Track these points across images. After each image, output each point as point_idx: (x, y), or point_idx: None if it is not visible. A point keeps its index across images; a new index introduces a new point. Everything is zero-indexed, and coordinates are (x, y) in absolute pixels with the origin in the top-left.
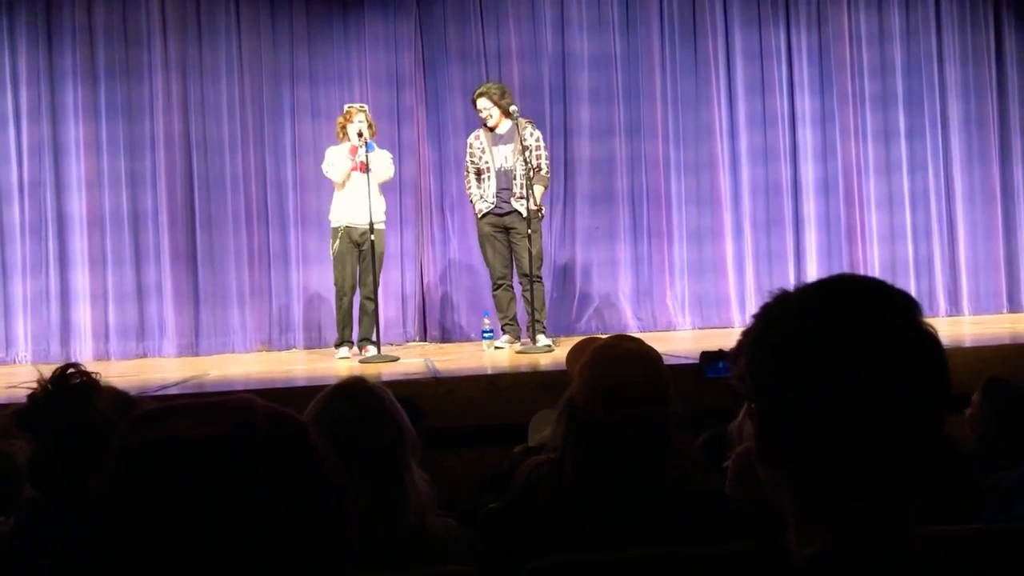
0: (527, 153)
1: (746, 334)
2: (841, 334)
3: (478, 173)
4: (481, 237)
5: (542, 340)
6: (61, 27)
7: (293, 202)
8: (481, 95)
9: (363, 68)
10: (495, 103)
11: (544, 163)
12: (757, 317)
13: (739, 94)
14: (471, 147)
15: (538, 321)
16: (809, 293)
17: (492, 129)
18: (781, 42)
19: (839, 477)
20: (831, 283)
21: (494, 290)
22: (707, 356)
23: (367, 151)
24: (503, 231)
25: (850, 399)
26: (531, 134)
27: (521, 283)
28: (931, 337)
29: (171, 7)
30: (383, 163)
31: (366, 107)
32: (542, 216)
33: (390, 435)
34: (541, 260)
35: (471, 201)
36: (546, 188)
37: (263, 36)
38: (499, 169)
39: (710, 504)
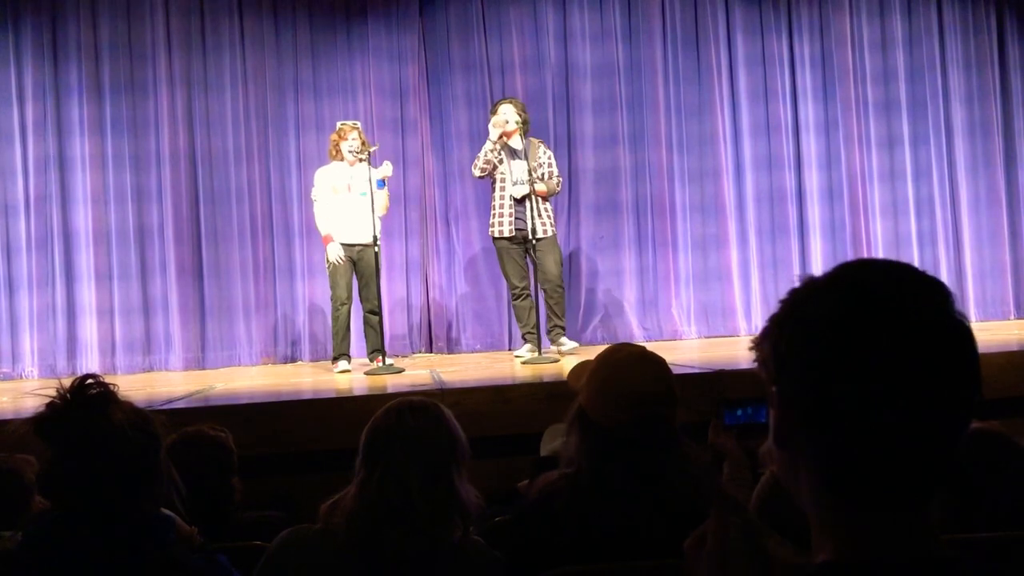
0: (539, 170)
1: (772, 317)
2: (869, 316)
3: (493, 182)
4: (499, 251)
5: (567, 343)
6: (66, 43)
7: (298, 215)
8: (508, 102)
9: (367, 80)
10: (518, 113)
11: (556, 176)
12: (784, 300)
13: (742, 102)
14: (490, 149)
15: (559, 326)
16: (838, 274)
17: (506, 139)
18: (784, 50)
19: (857, 462)
20: (860, 265)
21: (513, 300)
22: (724, 402)
23: (378, 187)
24: (521, 243)
25: (874, 384)
26: (544, 152)
27: (545, 291)
28: (963, 325)
29: (176, 22)
30: (381, 200)
31: (359, 124)
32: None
33: (447, 446)
34: (561, 267)
35: (479, 167)
36: (549, 193)
37: (267, 50)
38: (515, 181)
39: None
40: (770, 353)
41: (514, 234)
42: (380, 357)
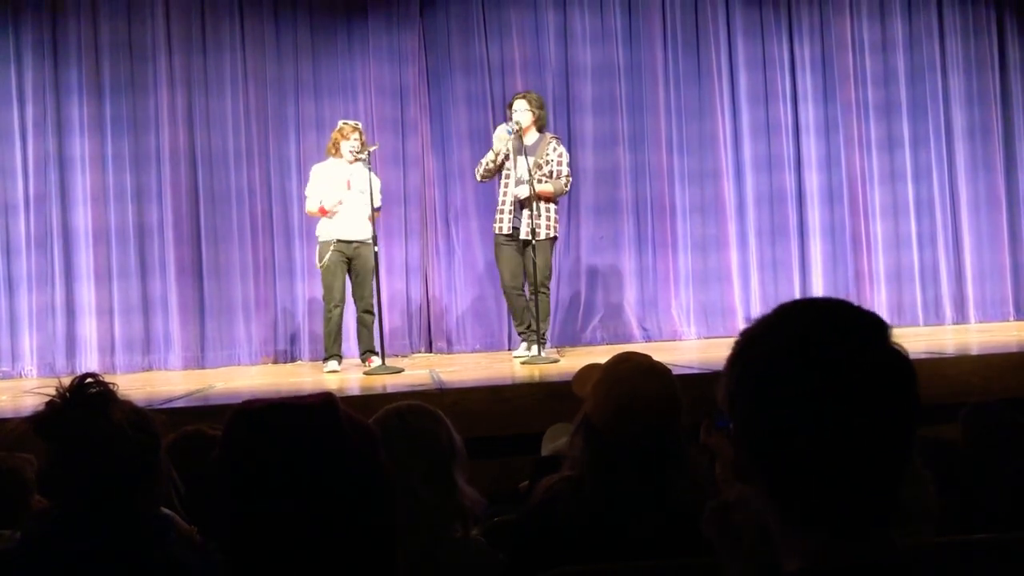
0: (547, 167)
1: (729, 357)
2: (806, 358)
3: (499, 170)
4: (496, 246)
5: (536, 349)
6: (67, 42)
7: (298, 214)
8: (521, 97)
9: (367, 80)
10: (531, 109)
11: (564, 175)
12: (737, 341)
13: (743, 104)
14: (491, 160)
15: (536, 331)
16: (779, 316)
17: (521, 136)
18: (784, 51)
19: (810, 493)
20: (799, 305)
21: (505, 298)
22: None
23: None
24: (517, 242)
25: (816, 421)
26: (554, 149)
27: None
28: (899, 357)
29: (176, 22)
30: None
31: (360, 126)
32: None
33: (448, 446)
34: (549, 272)
35: (479, 174)
36: (556, 193)
37: (267, 50)
38: (519, 179)
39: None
40: (725, 393)
41: (511, 232)
42: (372, 358)
